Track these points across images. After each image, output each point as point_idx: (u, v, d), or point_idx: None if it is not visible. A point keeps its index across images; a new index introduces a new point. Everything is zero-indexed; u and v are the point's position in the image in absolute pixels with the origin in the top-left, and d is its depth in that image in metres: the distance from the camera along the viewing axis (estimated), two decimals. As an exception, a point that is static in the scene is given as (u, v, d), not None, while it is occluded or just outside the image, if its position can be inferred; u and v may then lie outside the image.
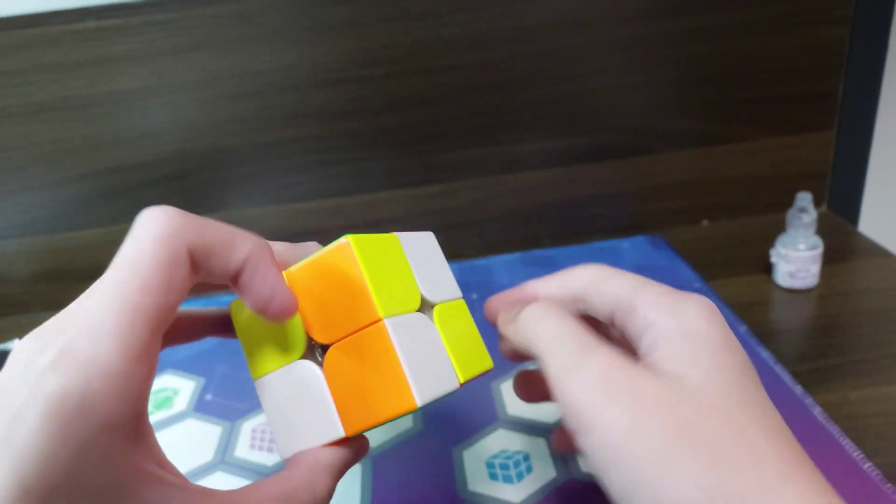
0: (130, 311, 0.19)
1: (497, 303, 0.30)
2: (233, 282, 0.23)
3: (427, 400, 0.23)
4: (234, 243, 0.22)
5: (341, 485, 0.39)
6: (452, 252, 0.67)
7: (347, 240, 0.24)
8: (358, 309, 0.23)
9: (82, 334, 0.18)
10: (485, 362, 0.27)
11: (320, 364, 0.25)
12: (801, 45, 0.61)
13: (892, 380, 0.44)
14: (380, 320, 0.23)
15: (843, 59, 0.63)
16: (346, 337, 0.24)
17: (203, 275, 0.22)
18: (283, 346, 0.25)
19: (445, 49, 0.59)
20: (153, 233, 0.20)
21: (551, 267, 0.61)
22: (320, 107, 0.61)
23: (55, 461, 0.17)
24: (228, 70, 0.59)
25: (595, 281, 0.28)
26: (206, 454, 0.43)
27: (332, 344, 0.24)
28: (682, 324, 0.24)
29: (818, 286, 0.55)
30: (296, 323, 0.25)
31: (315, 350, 0.26)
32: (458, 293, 0.28)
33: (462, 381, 0.25)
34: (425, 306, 0.26)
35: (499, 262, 0.63)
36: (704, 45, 0.61)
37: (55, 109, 0.59)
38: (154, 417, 0.47)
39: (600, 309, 0.27)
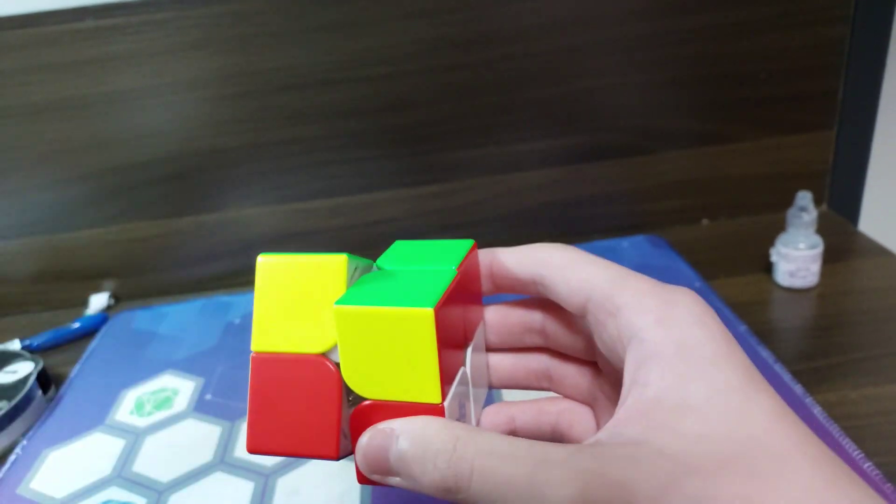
0: None
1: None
2: None
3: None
4: None
5: (340, 485, 0.39)
6: (452, 252, 0.67)
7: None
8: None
9: None
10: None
11: (350, 401, 0.23)
12: (802, 44, 0.61)
13: (893, 379, 0.44)
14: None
15: (844, 58, 0.62)
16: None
17: None
18: (309, 331, 0.22)
19: (445, 49, 0.59)
20: None
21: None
22: (320, 106, 0.61)
23: None
24: (228, 70, 0.59)
25: (562, 266, 0.24)
26: (206, 454, 0.43)
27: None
28: (674, 335, 0.20)
29: (818, 285, 0.55)
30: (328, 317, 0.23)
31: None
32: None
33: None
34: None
35: (499, 262, 0.63)
36: (704, 44, 0.61)
37: (54, 109, 0.59)
38: (154, 417, 0.47)
39: (567, 299, 0.24)
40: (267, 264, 0.23)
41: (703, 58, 0.61)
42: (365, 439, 0.21)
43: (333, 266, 0.22)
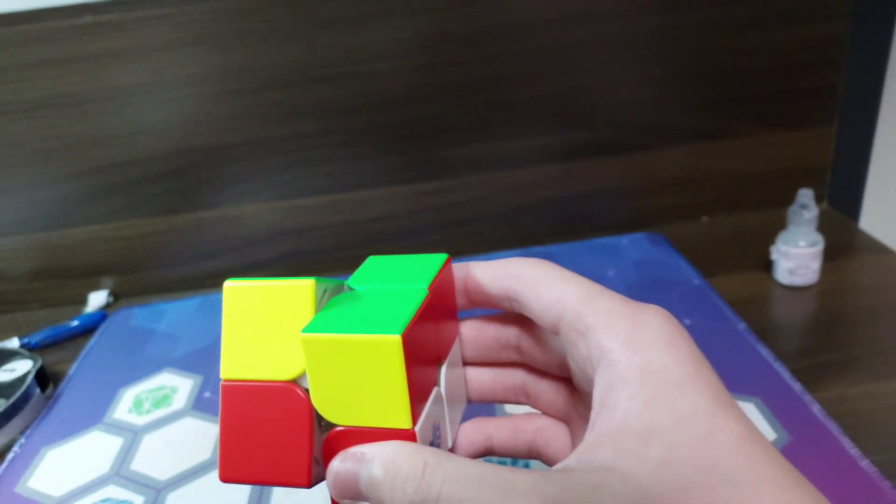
0: None
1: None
2: None
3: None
4: None
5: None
6: (451, 249, 0.67)
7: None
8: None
9: None
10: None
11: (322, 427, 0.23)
12: (802, 39, 0.61)
13: (892, 376, 0.44)
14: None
15: (844, 54, 0.62)
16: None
17: None
18: (278, 358, 0.22)
19: (444, 45, 0.59)
20: None
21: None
22: (318, 103, 0.60)
23: None
24: (226, 66, 0.58)
25: (535, 282, 0.24)
26: (205, 452, 0.43)
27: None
28: (642, 358, 0.20)
29: (818, 283, 0.55)
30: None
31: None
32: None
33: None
34: None
35: (498, 259, 0.63)
36: (704, 40, 0.61)
37: (51, 106, 0.58)
38: (153, 415, 0.47)
39: (540, 315, 0.24)
40: (233, 289, 0.22)
41: (703, 54, 0.61)
42: (336, 463, 0.21)
43: (300, 291, 0.22)
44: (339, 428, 0.22)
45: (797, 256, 0.54)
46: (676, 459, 0.18)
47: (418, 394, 0.22)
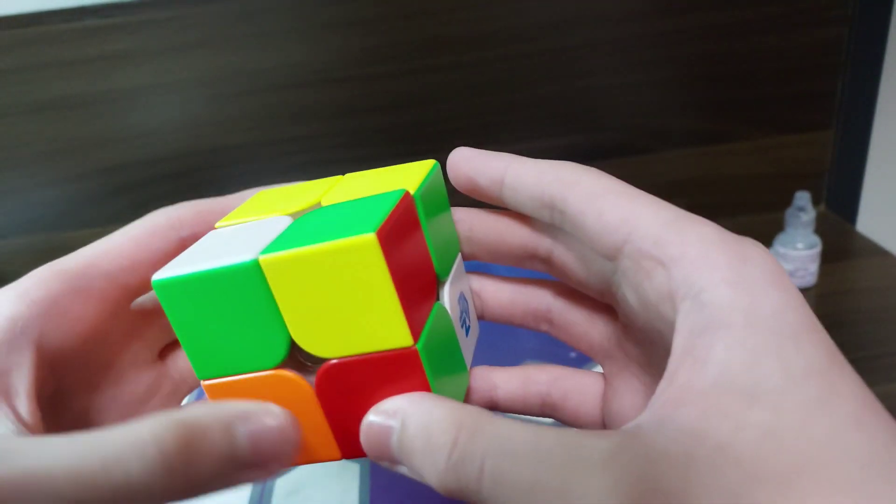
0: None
1: (467, 171, 0.23)
2: None
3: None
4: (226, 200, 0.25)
5: (339, 484, 0.39)
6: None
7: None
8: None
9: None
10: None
11: (310, 371, 0.20)
12: (801, 44, 0.62)
13: (891, 378, 0.44)
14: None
15: (842, 59, 0.63)
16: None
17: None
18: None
19: (446, 48, 0.59)
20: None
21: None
22: (322, 105, 0.61)
23: None
24: (229, 68, 0.59)
25: (595, 195, 0.19)
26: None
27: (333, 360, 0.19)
28: (747, 300, 0.16)
29: (816, 285, 0.55)
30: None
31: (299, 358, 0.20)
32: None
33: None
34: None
35: (498, 261, 0.64)
36: (704, 44, 0.61)
37: (56, 108, 0.59)
38: (155, 415, 0.47)
39: (596, 236, 0.19)
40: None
41: (702, 57, 0.62)
42: (368, 419, 0.18)
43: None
44: (331, 361, 0.18)
45: (795, 259, 0.54)
46: (785, 428, 0.14)
47: (414, 303, 0.18)
